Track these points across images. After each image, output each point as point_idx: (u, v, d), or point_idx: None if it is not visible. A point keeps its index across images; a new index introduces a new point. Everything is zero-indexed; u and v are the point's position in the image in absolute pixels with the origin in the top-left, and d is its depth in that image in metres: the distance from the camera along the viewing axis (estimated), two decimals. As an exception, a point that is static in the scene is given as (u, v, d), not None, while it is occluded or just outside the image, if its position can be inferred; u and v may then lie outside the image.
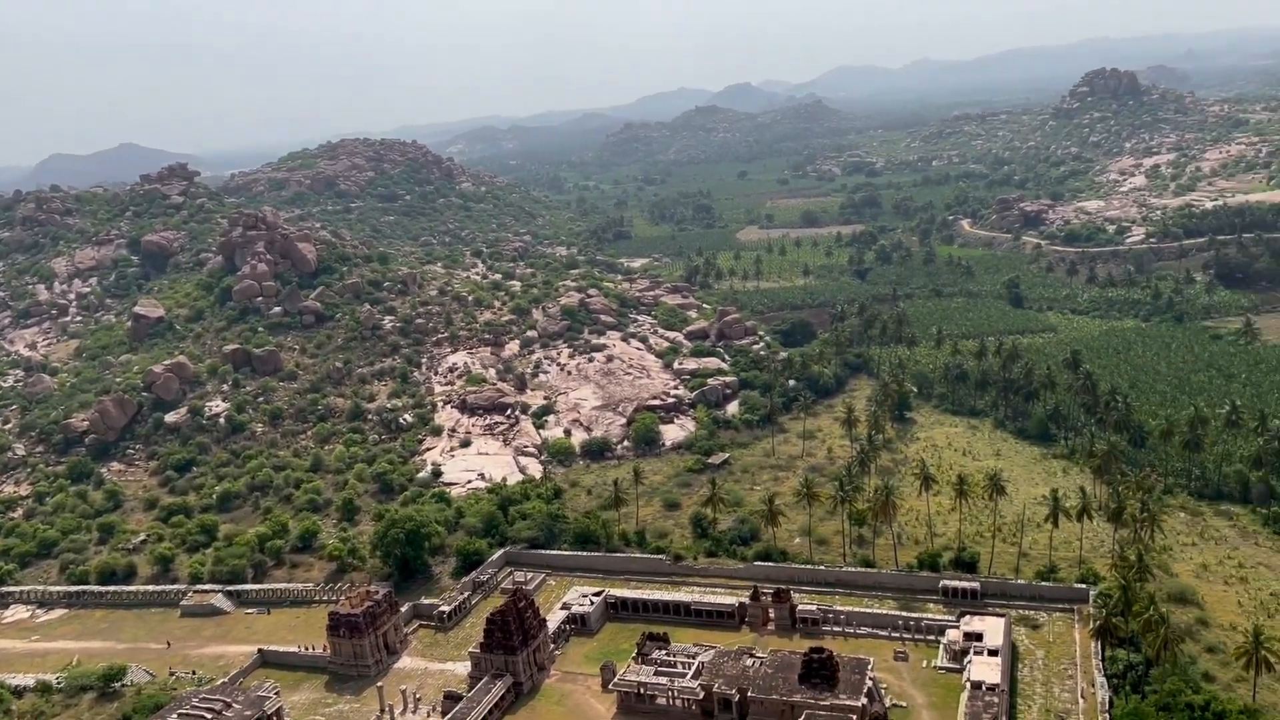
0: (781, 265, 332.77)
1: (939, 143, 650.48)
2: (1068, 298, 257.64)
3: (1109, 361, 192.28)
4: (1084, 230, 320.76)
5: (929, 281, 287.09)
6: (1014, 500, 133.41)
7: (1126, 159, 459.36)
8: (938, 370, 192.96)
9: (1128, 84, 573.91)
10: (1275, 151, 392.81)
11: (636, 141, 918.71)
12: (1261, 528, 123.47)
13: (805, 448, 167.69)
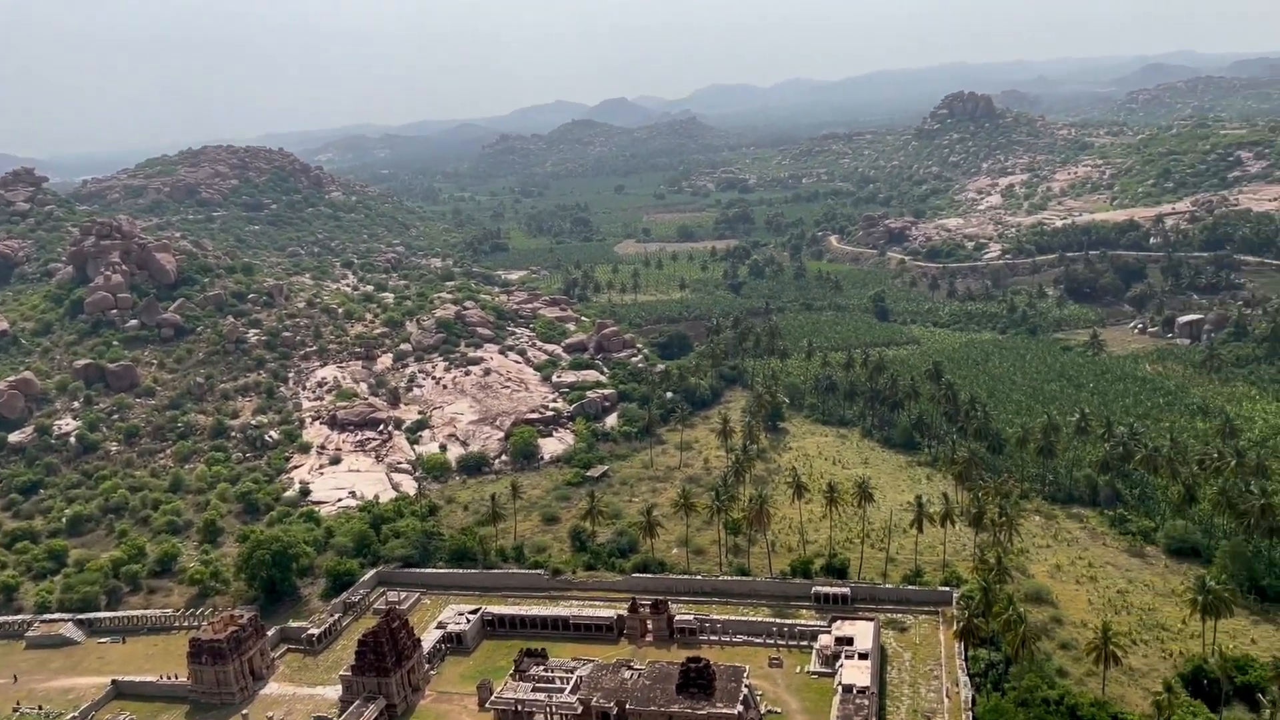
0: (659, 279, 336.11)
1: (808, 161, 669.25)
2: (930, 311, 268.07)
3: (969, 372, 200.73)
4: (945, 246, 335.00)
5: (800, 295, 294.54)
6: (881, 507, 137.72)
7: (983, 179, 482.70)
8: (809, 381, 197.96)
9: (984, 107, 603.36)
10: (1117, 174, 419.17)
11: (513, 153, 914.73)
12: (1109, 529, 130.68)
13: (683, 459, 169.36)
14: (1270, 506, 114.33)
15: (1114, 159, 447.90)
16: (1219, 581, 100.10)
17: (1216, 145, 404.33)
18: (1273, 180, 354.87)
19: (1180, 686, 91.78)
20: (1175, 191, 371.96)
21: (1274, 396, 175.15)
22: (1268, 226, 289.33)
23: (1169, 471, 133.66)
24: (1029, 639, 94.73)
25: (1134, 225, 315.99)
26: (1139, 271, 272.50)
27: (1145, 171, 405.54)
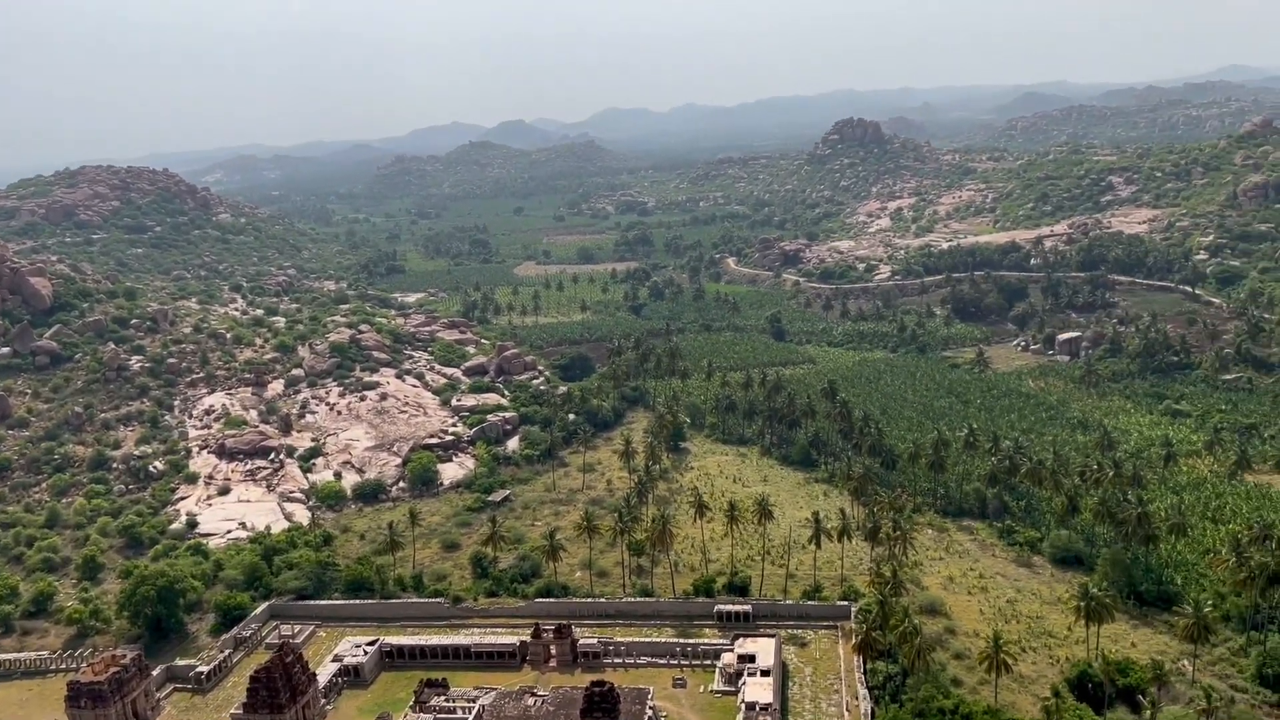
0: (560, 300, 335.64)
1: (705, 184, 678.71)
2: (824, 331, 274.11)
3: (862, 390, 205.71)
4: (838, 268, 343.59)
5: (699, 317, 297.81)
6: (781, 524, 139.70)
7: (873, 202, 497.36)
8: (709, 401, 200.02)
9: (873, 133, 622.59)
10: (999, 197, 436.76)
11: (409, 174, 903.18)
12: (997, 540, 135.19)
13: (586, 481, 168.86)
14: (1146, 515, 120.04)
15: (996, 183, 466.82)
16: (1100, 588, 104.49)
17: (1090, 171, 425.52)
18: (1141, 204, 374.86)
19: (1067, 691, 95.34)
20: (1053, 214, 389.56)
21: (1147, 410, 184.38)
22: (1137, 248, 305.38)
23: (1052, 483, 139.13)
24: (924, 650, 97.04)
25: (1015, 247, 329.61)
26: (1021, 291, 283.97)
27: (1025, 195, 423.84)
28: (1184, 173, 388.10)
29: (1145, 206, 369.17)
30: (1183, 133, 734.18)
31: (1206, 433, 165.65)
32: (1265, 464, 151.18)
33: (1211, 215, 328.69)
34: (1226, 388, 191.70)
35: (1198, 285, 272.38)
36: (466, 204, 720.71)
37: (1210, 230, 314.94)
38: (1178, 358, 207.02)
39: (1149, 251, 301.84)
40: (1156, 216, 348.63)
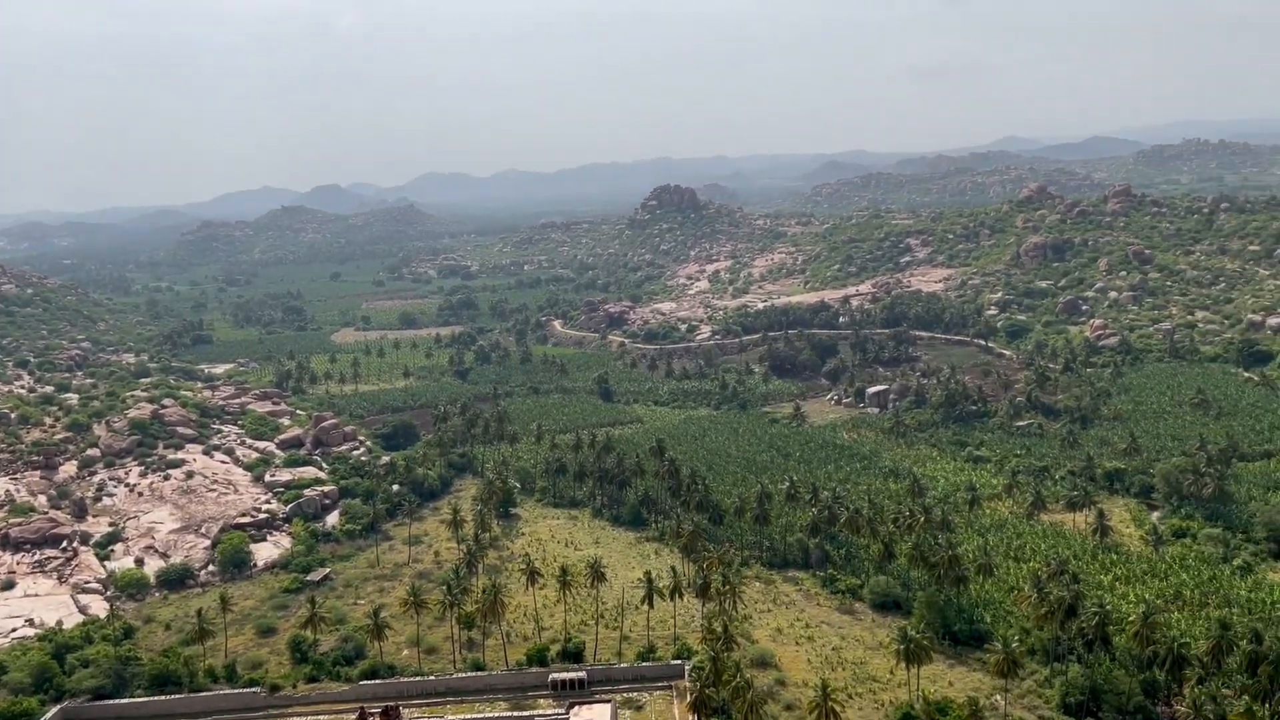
0: (381, 367, 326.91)
1: (529, 248, 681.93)
2: (651, 390, 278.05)
3: (689, 447, 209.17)
4: (661, 329, 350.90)
5: (527, 380, 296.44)
6: (614, 586, 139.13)
7: (692, 265, 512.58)
8: (539, 465, 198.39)
9: (689, 199, 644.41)
10: (809, 260, 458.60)
11: (217, 241, 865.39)
12: (821, 589, 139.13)
13: (412, 554, 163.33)
14: (956, 557, 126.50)
15: (805, 246, 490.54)
16: (918, 630, 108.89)
17: (889, 234, 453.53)
18: (937, 264, 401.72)
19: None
20: (858, 275, 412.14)
21: (951, 456, 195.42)
22: (935, 305, 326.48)
23: (869, 531, 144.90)
24: (756, 704, 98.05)
25: (825, 306, 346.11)
26: (832, 348, 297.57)
27: (832, 257, 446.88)
28: (973, 234, 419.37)
29: (940, 266, 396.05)
30: (970, 198, 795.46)
31: (1005, 476, 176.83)
32: (1058, 504, 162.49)
33: (999, 273, 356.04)
34: (1020, 433, 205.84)
35: (990, 339, 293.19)
36: (279, 270, 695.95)
37: (999, 287, 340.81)
38: (976, 407, 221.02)
39: (946, 308, 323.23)
40: (951, 275, 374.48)
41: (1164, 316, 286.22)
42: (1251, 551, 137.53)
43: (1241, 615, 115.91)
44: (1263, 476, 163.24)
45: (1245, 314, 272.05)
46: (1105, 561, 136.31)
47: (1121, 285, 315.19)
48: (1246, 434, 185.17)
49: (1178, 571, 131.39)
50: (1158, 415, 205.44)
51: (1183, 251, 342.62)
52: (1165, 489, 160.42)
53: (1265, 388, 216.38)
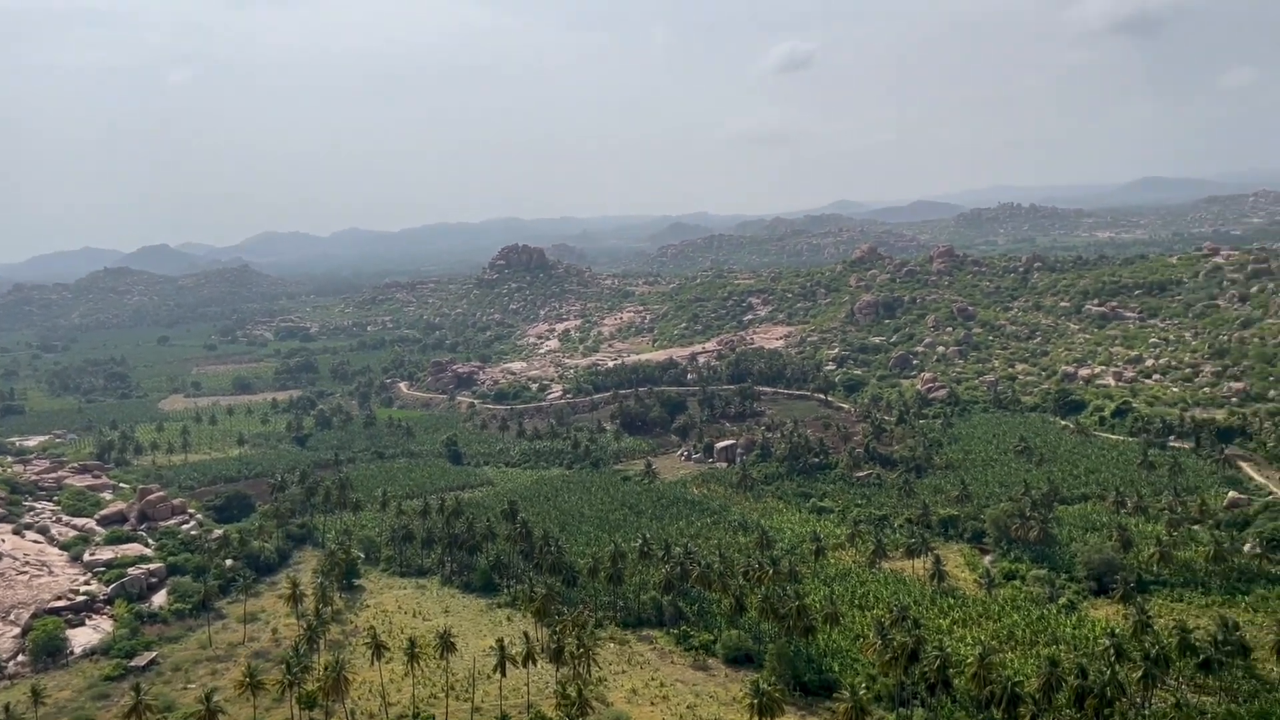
0: (213, 435, 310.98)
1: (373, 309, 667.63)
2: (501, 452, 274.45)
3: (541, 509, 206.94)
4: (511, 389, 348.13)
5: (371, 444, 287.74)
6: (464, 655, 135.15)
7: (542, 324, 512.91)
8: (384, 533, 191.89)
9: (538, 259, 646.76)
10: (656, 318, 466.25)
11: (30, 304, 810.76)
12: (675, 646, 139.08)
13: (248, 632, 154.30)
14: (804, 607, 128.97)
15: (653, 305, 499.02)
16: (769, 683, 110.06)
17: (732, 293, 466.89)
18: (778, 321, 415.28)
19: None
20: (704, 333, 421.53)
21: (796, 508, 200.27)
22: (777, 361, 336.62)
23: (720, 585, 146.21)
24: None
25: (674, 363, 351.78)
26: (681, 404, 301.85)
27: (679, 316, 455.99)
28: (810, 293, 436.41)
29: (781, 324, 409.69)
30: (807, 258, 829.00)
31: (848, 526, 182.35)
32: (898, 551, 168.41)
33: (835, 330, 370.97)
34: (860, 484, 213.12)
35: (829, 393, 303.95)
36: (101, 335, 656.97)
37: (835, 344, 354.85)
38: (818, 459, 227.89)
39: (787, 364, 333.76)
40: (791, 332, 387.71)
41: (987, 369, 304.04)
42: (1074, 590, 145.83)
43: (1068, 652, 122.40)
44: (1081, 518, 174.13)
45: (1060, 366, 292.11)
46: (943, 606, 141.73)
47: (948, 340, 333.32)
48: (1065, 478, 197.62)
49: (1009, 612, 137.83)
50: (986, 463, 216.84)
51: (1002, 308, 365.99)
52: (995, 533, 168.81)
53: (1080, 435, 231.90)
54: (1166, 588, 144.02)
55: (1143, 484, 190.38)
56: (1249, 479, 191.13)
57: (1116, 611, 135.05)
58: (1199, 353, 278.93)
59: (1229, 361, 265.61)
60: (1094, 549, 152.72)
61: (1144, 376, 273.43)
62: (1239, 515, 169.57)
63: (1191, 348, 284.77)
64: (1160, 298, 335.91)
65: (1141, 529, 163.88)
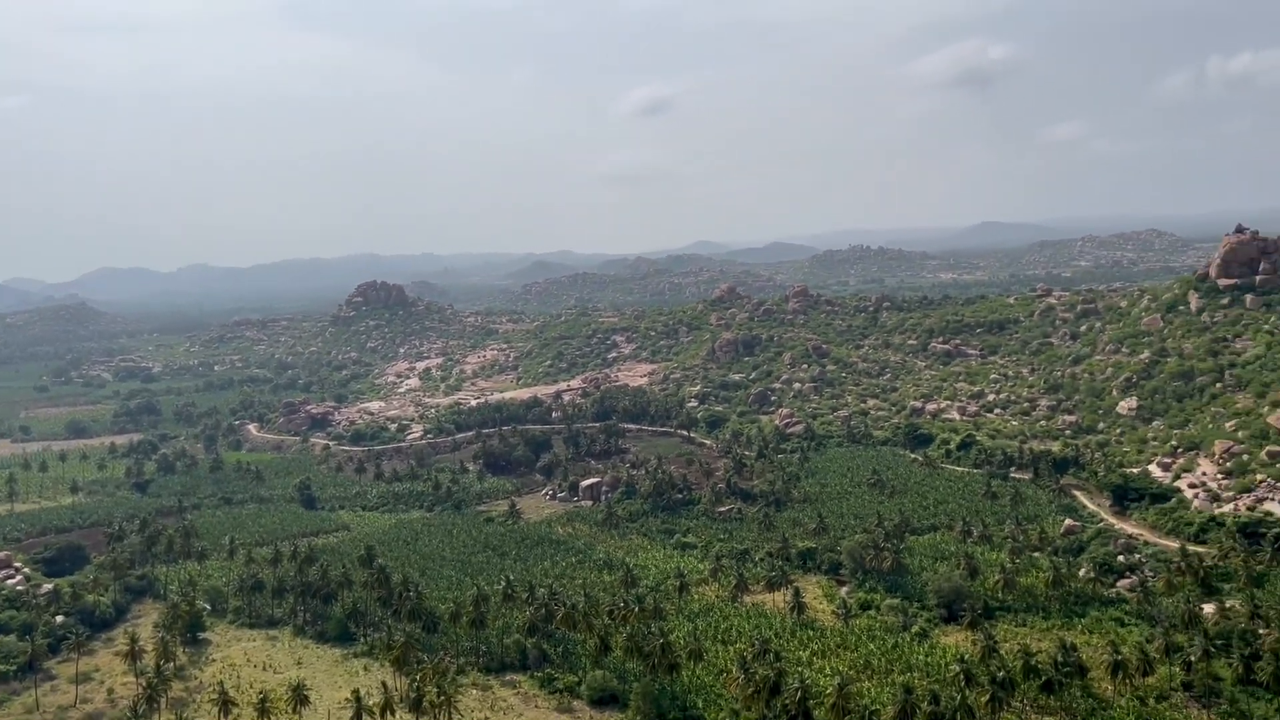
0: (43, 483, 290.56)
1: (221, 347, 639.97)
2: (358, 495, 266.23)
3: (401, 553, 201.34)
4: (369, 429, 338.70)
5: (218, 490, 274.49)
6: (319, 709, 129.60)
7: (402, 363, 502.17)
8: (232, 583, 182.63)
9: (397, 296, 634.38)
10: (520, 356, 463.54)
11: None
12: (539, 690, 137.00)
13: (80, 693, 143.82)
14: (668, 645, 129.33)
15: (516, 343, 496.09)
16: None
17: (597, 331, 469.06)
18: (641, 359, 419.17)
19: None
20: (568, 371, 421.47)
21: (661, 544, 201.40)
22: (641, 398, 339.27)
23: (585, 625, 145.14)
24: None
25: (538, 402, 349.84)
26: (546, 443, 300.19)
27: (543, 354, 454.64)
28: (673, 331, 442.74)
29: (645, 361, 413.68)
30: (669, 297, 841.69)
31: (710, 561, 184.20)
32: (759, 584, 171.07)
33: (697, 368, 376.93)
34: (722, 518, 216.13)
35: (692, 429, 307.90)
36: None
37: (697, 381, 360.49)
38: (682, 495, 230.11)
39: (651, 401, 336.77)
40: (654, 370, 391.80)
41: (841, 405, 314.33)
42: (926, 618, 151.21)
43: (921, 678, 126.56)
44: (931, 548, 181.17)
45: (908, 401, 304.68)
46: (803, 638, 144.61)
47: (804, 377, 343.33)
48: (915, 509, 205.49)
49: (865, 642, 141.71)
50: (841, 495, 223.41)
51: (854, 346, 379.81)
52: (851, 564, 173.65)
53: (928, 467, 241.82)
54: (1011, 613, 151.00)
55: (987, 513, 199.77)
56: (1083, 507, 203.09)
57: (965, 637, 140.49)
58: (1035, 388, 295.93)
59: (1062, 396, 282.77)
60: (943, 577, 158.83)
61: (986, 411, 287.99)
62: (1074, 542, 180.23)
63: (1029, 383, 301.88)
64: (999, 336, 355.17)
65: (987, 557, 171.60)
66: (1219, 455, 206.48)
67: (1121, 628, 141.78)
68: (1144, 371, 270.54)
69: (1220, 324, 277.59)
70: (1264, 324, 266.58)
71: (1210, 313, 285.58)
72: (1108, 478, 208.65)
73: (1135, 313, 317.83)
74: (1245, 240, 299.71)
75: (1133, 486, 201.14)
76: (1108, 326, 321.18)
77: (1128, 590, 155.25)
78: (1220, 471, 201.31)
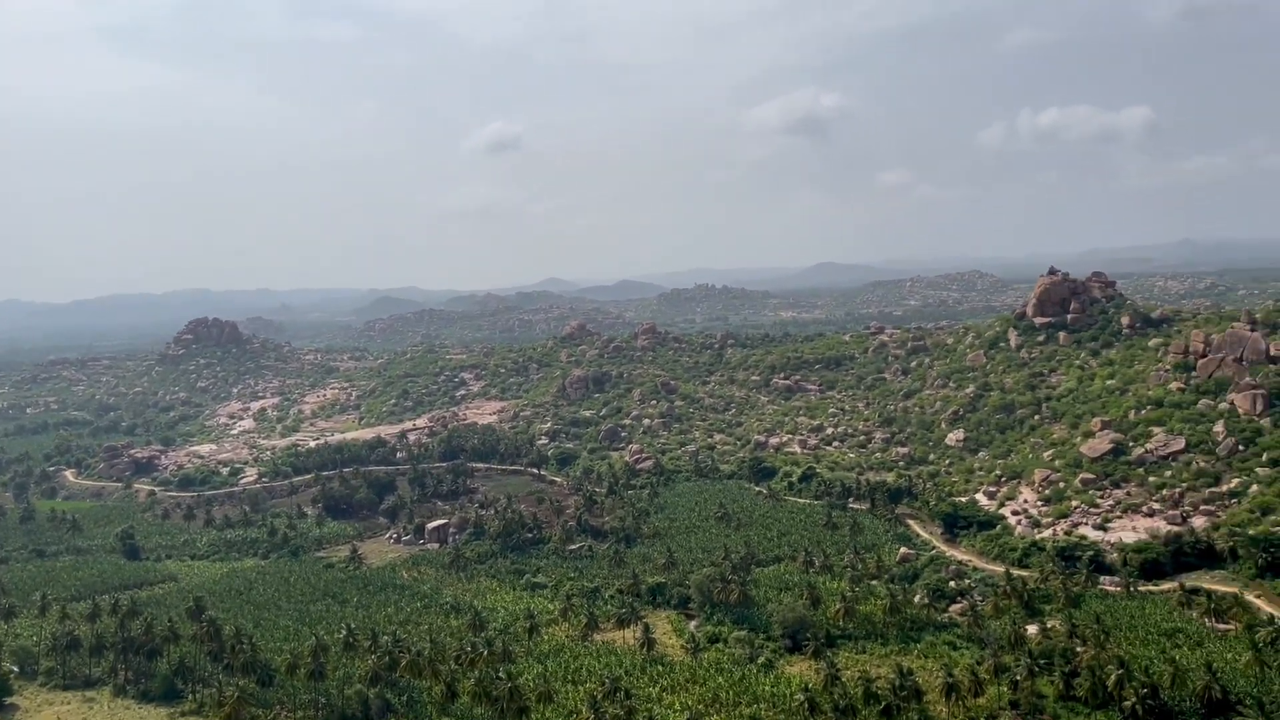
0: None
1: (34, 389, 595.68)
2: (187, 544, 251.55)
3: (233, 604, 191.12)
4: (199, 474, 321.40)
5: (29, 541, 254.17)
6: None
7: (235, 403, 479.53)
8: (44, 642, 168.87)
9: (230, 333, 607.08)
10: (363, 395, 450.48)
11: None
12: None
13: None
14: (516, 688, 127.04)
15: (359, 382, 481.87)
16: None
17: (444, 368, 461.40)
18: (491, 396, 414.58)
19: None
20: (414, 409, 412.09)
21: (510, 586, 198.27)
22: (491, 436, 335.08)
23: (431, 672, 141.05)
24: None
25: (382, 442, 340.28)
26: (390, 485, 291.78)
27: (388, 392, 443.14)
28: (523, 369, 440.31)
29: (494, 399, 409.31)
30: (519, 334, 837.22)
31: (561, 600, 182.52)
32: (609, 622, 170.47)
33: (547, 405, 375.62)
34: (573, 556, 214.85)
35: (543, 467, 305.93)
36: None
37: (548, 418, 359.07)
38: (532, 534, 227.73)
39: (501, 439, 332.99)
40: (504, 408, 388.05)
41: (689, 440, 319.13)
42: (772, 649, 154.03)
43: (768, 709, 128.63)
44: (776, 579, 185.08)
45: (752, 435, 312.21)
46: (653, 674, 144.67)
47: (653, 413, 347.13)
48: (761, 541, 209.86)
49: (714, 675, 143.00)
50: (689, 530, 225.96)
51: (700, 382, 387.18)
52: (699, 598, 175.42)
53: (772, 500, 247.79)
54: (851, 640, 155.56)
55: (828, 544, 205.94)
56: (917, 535, 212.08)
57: (809, 667, 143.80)
58: (871, 421, 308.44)
59: (896, 429, 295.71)
60: (787, 608, 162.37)
61: (825, 444, 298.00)
62: (909, 569, 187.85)
63: (864, 417, 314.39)
64: (837, 372, 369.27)
65: (828, 586, 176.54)
66: (1038, 483, 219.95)
67: (954, 651, 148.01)
68: (970, 405, 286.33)
69: (1037, 359, 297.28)
70: (1075, 359, 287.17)
71: (1028, 349, 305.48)
72: (939, 507, 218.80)
73: (960, 349, 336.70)
74: (1058, 282, 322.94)
75: (961, 515, 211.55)
76: (936, 362, 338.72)
77: (959, 614, 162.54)
78: (1040, 499, 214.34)
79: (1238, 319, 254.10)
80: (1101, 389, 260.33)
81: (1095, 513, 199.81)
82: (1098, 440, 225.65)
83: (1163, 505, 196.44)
